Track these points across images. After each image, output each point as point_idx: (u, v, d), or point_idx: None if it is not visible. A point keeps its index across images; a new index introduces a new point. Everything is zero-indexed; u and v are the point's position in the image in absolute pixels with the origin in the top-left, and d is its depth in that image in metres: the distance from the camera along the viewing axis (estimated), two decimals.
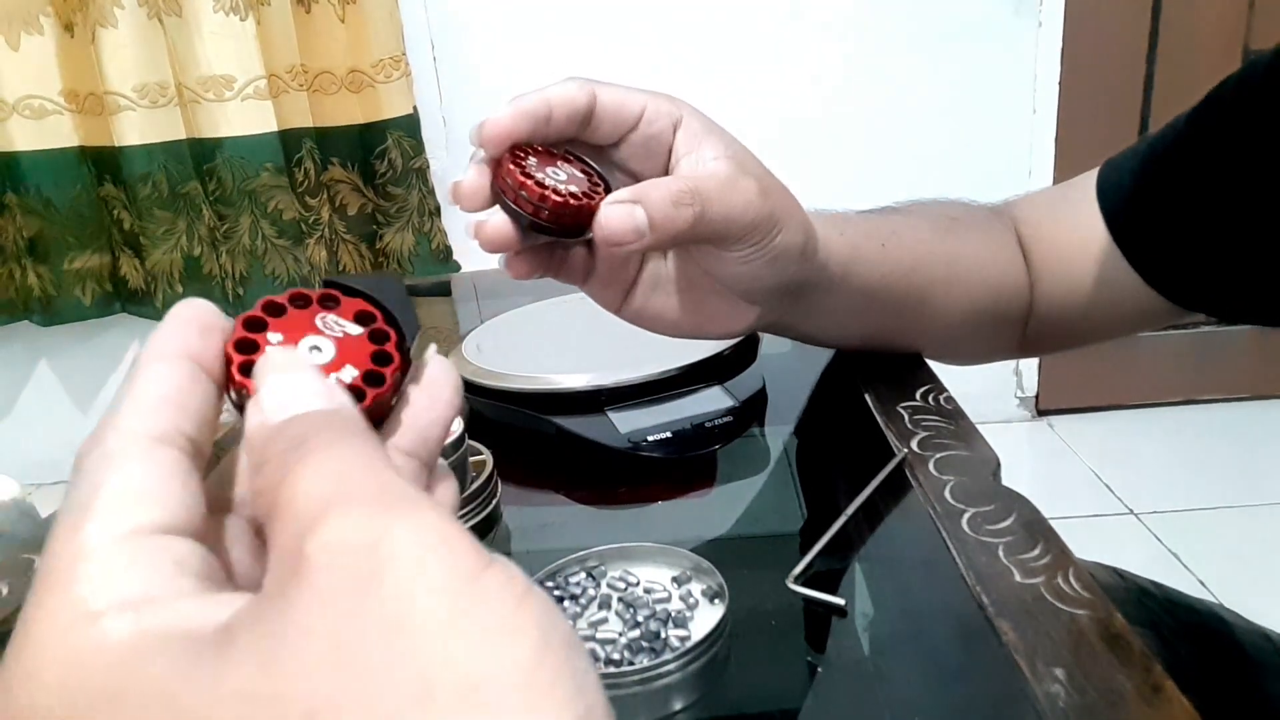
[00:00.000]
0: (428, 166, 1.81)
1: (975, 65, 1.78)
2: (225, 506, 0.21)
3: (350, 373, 0.20)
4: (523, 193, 0.36)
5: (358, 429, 0.18)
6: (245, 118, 1.77)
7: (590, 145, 0.41)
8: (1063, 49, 1.77)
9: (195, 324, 0.21)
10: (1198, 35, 1.76)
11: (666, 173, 0.41)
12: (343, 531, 0.16)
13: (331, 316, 0.21)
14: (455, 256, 1.88)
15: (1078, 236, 0.53)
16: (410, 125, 1.77)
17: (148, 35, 1.74)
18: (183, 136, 1.80)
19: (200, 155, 1.80)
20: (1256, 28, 1.75)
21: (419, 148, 1.79)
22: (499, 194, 0.38)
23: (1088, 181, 0.54)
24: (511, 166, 0.37)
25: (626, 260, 0.44)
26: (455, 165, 1.88)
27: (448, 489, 0.22)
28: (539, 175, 0.37)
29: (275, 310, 0.21)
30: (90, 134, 1.84)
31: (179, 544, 0.17)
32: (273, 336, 0.21)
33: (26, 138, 1.82)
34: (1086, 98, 1.80)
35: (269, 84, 1.75)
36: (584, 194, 0.37)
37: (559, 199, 0.36)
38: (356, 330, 0.21)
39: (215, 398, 0.20)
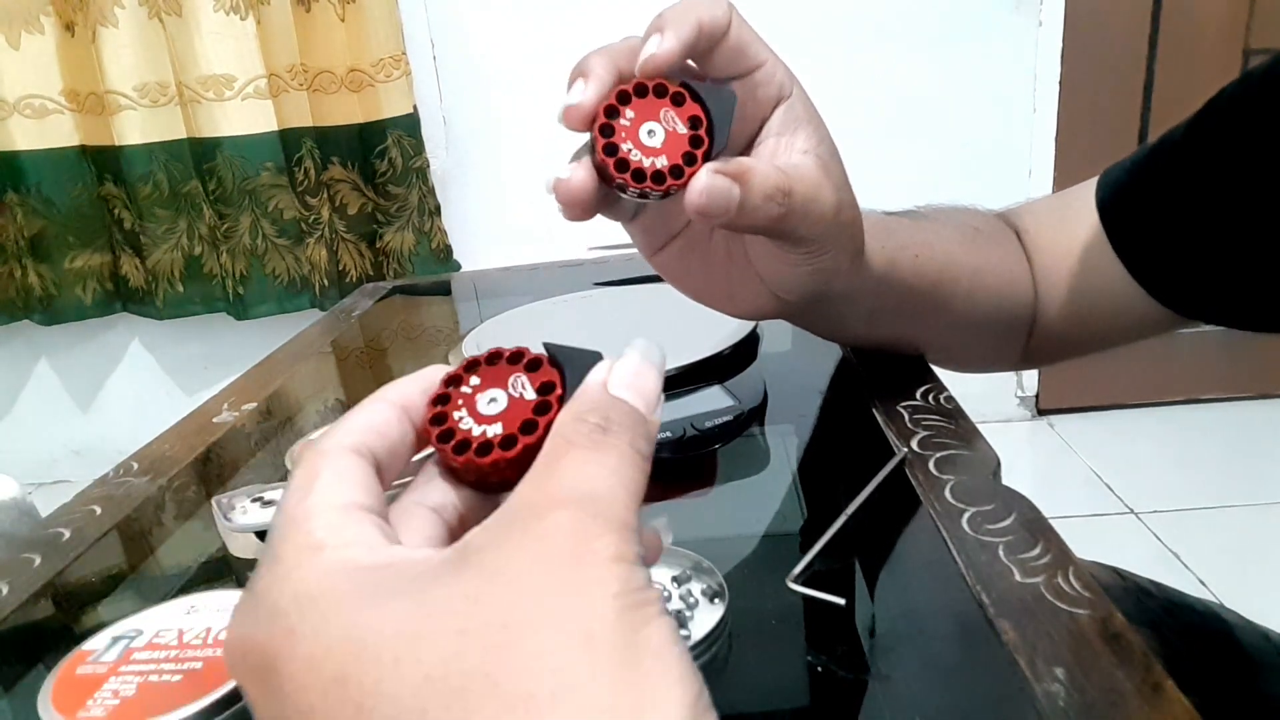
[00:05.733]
0: (428, 166, 1.81)
1: (975, 64, 1.78)
2: (419, 499, 0.25)
3: (497, 430, 0.25)
4: (609, 171, 0.34)
5: (646, 449, 0.23)
6: (245, 117, 1.77)
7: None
8: (1063, 48, 1.77)
9: (419, 382, 0.26)
10: (1198, 35, 1.76)
11: (748, 141, 0.40)
12: (577, 523, 0.20)
13: (524, 378, 0.26)
14: (455, 256, 1.88)
15: (1078, 247, 0.53)
16: (410, 125, 1.77)
17: (148, 35, 1.74)
18: (183, 136, 1.80)
19: (200, 155, 1.80)
20: (1256, 28, 1.75)
21: (419, 147, 1.79)
22: (590, 148, 0.35)
23: (1087, 190, 0.54)
24: (600, 136, 0.34)
25: (675, 214, 0.43)
26: (455, 164, 1.89)
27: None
28: (628, 147, 0.34)
29: (493, 359, 0.26)
30: (91, 133, 1.84)
31: (376, 520, 0.23)
32: (473, 381, 0.26)
33: (27, 137, 1.82)
34: (1086, 97, 1.80)
35: (269, 83, 1.75)
36: (672, 167, 0.35)
37: (646, 185, 0.35)
38: (531, 395, 0.25)
39: (410, 436, 0.26)
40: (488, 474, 0.24)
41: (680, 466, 0.51)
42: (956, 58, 1.78)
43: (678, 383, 0.57)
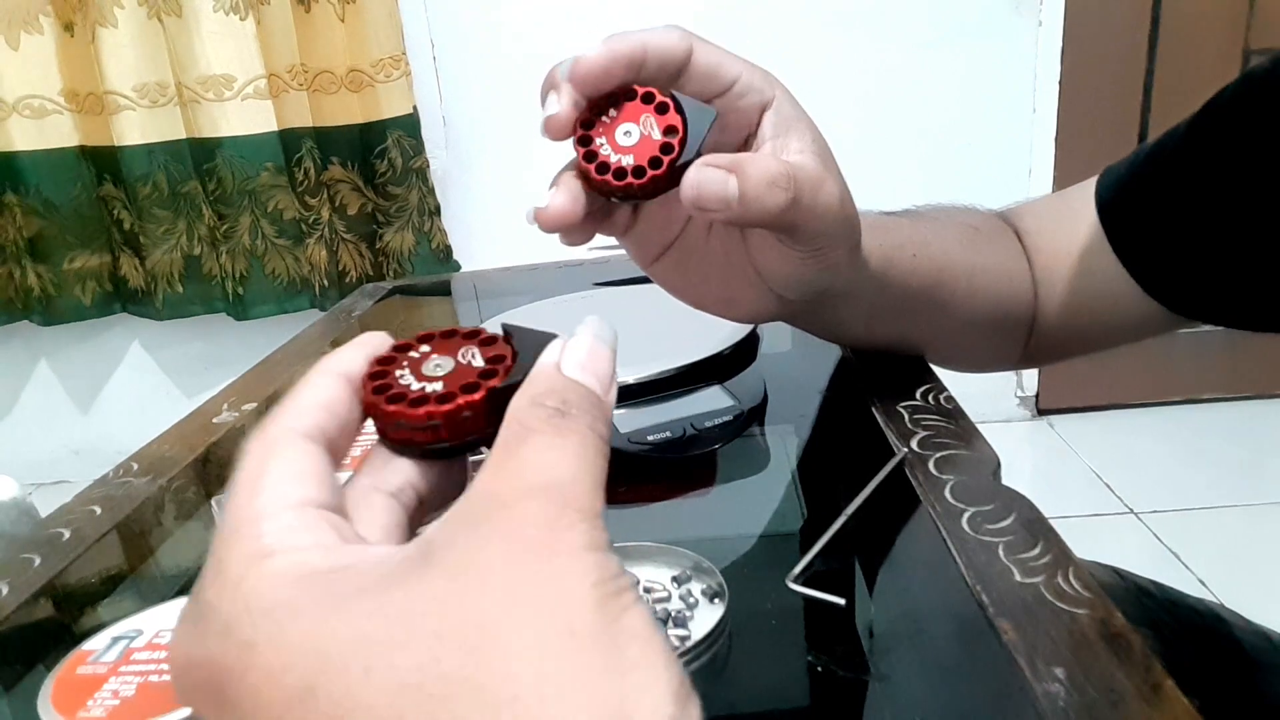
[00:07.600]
0: (428, 166, 1.81)
1: (975, 64, 1.78)
2: (376, 484, 0.24)
3: (436, 388, 0.24)
4: (580, 163, 0.37)
5: (605, 431, 0.23)
6: (245, 117, 1.77)
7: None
8: (1063, 48, 1.77)
9: (364, 350, 0.25)
10: (1198, 35, 1.76)
11: (742, 150, 0.40)
12: (546, 513, 0.20)
13: (475, 350, 0.25)
14: (455, 256, 1.88)
15: (1078, 246, 0.53)
16: (410, 125, 1.77)
17: (148, 35, 1.74)
18: (182, 136, 1.80)
19: (200, 155, 1.80)
20: (1256, 28, 1.75)
21: (419, 147, 1.79)
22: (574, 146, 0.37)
23: (1087, 190, 0.54)
24: (580, 129, 0.36)
25: (670, 221, 0.43)
26: (455, 164, 1.88)
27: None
28: (600, 142, 0.36)
29: (448, 334, 0.26)
30: (90, 134, 1.84)
31: (331, 516, 0.22)
32: (422, 349, 0.25)
33: (26, 137, 1.82)
34: (1086, 97, 1.80)
35: (269, 83, 1.75)
36: (635, 167, 0.36)
37: (608, 179, 0.36)
38: (479, 363, 0.25)
39: (359, 407, 0.24)
40: (419, 426, 0.24)
41: (680, 466, 0.51)
42: (956, 58, 1.78)
43: (678, 383, 0.57)
